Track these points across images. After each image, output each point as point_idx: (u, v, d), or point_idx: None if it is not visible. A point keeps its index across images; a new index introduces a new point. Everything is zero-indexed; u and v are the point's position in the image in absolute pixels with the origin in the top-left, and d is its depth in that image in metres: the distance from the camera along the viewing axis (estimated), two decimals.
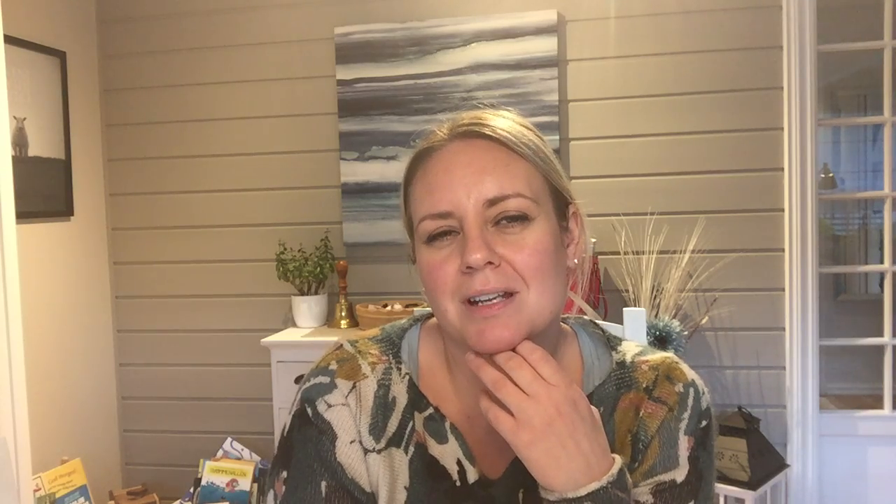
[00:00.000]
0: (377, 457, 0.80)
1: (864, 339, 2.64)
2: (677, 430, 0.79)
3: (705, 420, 0.81)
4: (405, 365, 0.84)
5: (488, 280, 0.73)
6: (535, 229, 0.75)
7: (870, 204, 4.30)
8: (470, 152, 0.77)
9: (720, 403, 2.57)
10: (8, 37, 2.23)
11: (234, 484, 2.59)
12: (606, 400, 0.82)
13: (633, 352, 0.86)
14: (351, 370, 0.82)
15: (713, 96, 2.54)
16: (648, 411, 0.80)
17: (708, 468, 0.80)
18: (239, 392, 2.84)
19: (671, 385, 0.81)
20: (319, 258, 2.66)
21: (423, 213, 0.77)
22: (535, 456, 0.69)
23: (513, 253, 0.74)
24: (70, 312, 2.73)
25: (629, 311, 1.29)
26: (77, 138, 2.77)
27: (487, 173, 0.75)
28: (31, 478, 2.17)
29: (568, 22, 2.61)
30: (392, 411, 0.81)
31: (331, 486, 0.78)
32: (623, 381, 0.83)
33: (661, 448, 0.79)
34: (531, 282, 0.74)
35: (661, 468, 0.78)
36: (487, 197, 0.74)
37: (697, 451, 0.79)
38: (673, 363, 0.84)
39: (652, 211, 2.55)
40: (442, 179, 0.76)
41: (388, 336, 0.87)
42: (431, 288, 0.77)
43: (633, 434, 0.80)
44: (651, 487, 0.78)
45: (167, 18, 2.86)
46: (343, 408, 0.80)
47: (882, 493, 2.52)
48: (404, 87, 2.67)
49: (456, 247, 0.75)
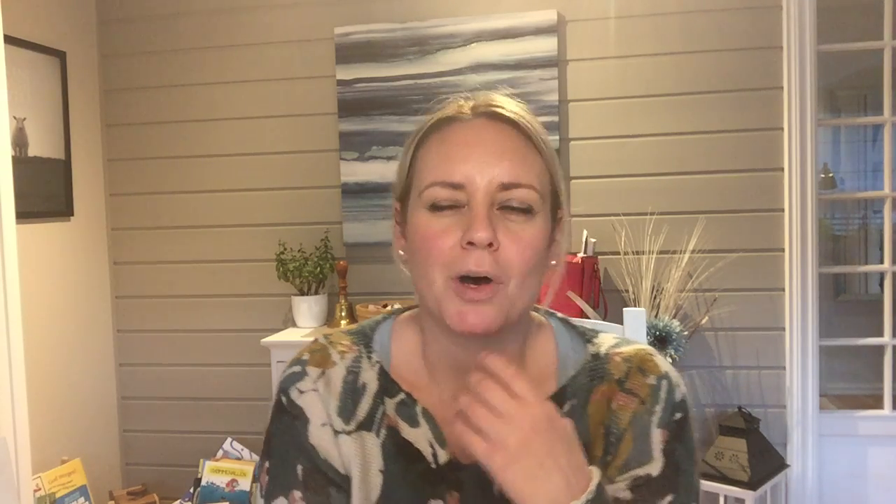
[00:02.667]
0: (347, 438, 0.82)
1: (864, 339, 2.64)
2: (650, 424, 0.79)
3: (680, 412, 0.80)
4: (376, 354, 0.86)
5: (483, 261, 0.74)
6: (535, 224, 0.77)
7: (870, 204, 4.30)
8: (493, 132, 0.78)
9: (720, 403, 2.57)
10: (8, 37, 2.23)
11: (234, 484, 2.59)
12: (580, 392, 0.82)
13: (608, 344, 0.85)
14: (321, 359, 0.85)
15: (713, 96, 2.54)
16: (620, 403, 0.80)
17: (686, 460, 0.79)
18: (239, 392, 2.84)
19: (643, 377, 0.81)
20: (319, 258, 2.66)
21: (435, 179, 0.77)
22: (511, 478, 0.68)
23: (510, 242, 0.75)
24: (70, 312, 2.73)
25: (629, 311, 1.29)
26: (77, 138, 2.77)
27: (507, 158, 0.77)
28: (31, 478, 2.17)
29: (568, 22, 2.61)
30: (362, 396, 0.83)
31: (306, 469, 0.81)
32: (596, 372, 0.83)
33: (633, 441, 0.78)
34: (517, 274, 0.76)
35: (635, 462, 0.78)
36: (502, 181, 0.76)
37: (673, 444, 0.79)
38: (646, 355, 0.83)
39: (652, 211, 2.55)
40: (461, 151, 0.77)
41: (362, 329, 0.89)
42: (424, 255, 0.77)
43: (606, 426, 0.80)
44: (627, 483, 0.78)
45: (167, 18, 2.86)
46: (313, 393, 0.83)
47: (882, 493, 2.52)
48: (404, 87, 2.67)
49: (458, 220, 0.76)
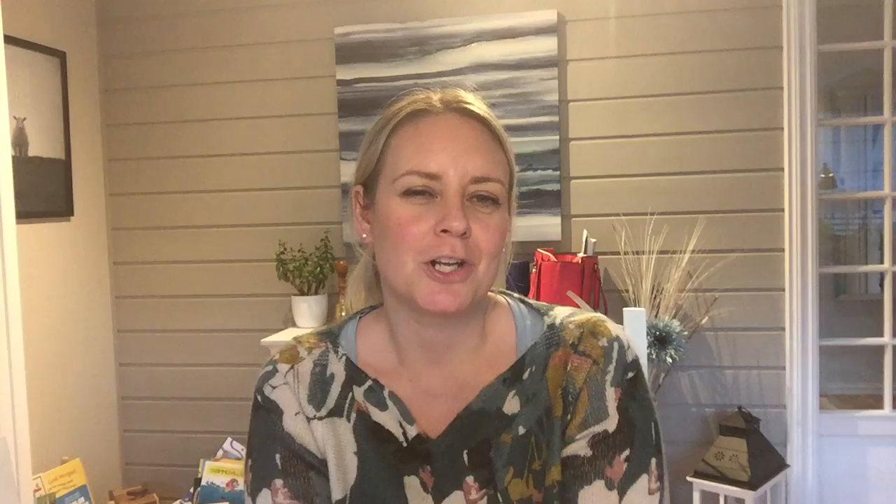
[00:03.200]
0: (319, 423, 0.86)
1: (864, 339, 2.64)
2: (604, 383, 0.82)
3: (631, 372, 0.84)
4: (342, 348, 0.90)
5: (456, 248, 0.79)
6: (500, 213, 0.83)
7: (870, 204, 4.31)
8: (467, 128, 0.83)
9: (720, 403, 2.57)
10: (8, 37, 2.23)
11: (234, 484, 2.59)
12: (538, 359, 0.86)
13: (563, 314, 0.89)
14: (290, 356, 0.90)
15: (713, 96, 2.54)
16: (574, 364, 0.84)
17: (642, 417, 0.83)
18: (239, 392, 2.84)
19: (595, 340, 0.84)
20: (319, 258, 2.66)
21: (412, 168, 0.81)
22: None
23: (480, 229, 0.81)
24: (70, 312, 2.73)
25: (629, 311, 1.29)
26: (77, 138, 2.77)
27: (479, 153, 0.82)
28: (31, 478, 2.17)
29: (568, 22, 2.61)
30: (330, 385, 0.88)
31: (284, 456, 0.85)
32: (552, 340, 0.87)
33: (590, 400, 0.82)
34: (485, 258, 0.81)
35: (592, 420, 0.82)
36: (475, 174, 0.81)
37: (626, 401, 0.82)
38: (598, 321, 0.87)
39: (652, 211, 2.55)
40: (438, 144, 0.82)
41: (329, 328, 0.94)
42: (395, 240, 0.81)
43: (563, 388, 0.84)
44: (587, 440, 0.81)
45: (167, 18, 2.86)
46: (284, 386, 0.88)
47: (882, 493, 2.52)
48: (404, 87, 2.64)
49: (430, 208, 0.80)
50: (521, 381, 0.85)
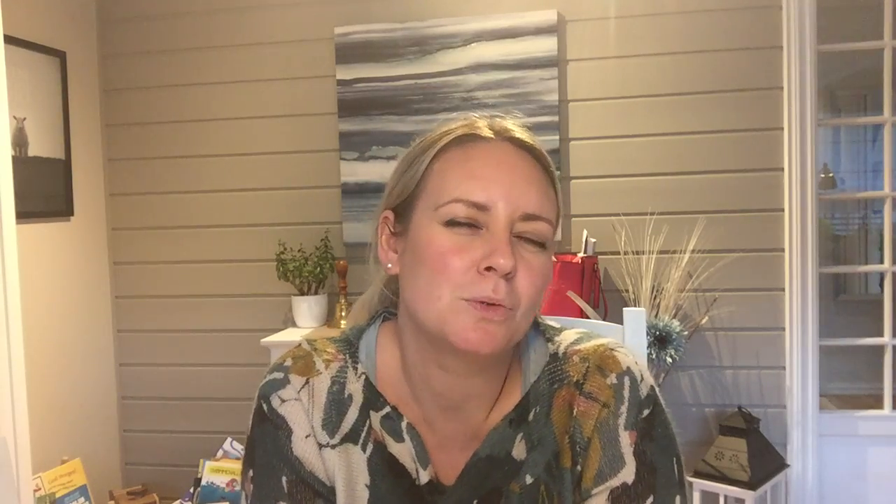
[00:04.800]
0: (332, 452, 0.79)
1: (864, 339, 2.64)
2: (616, 427, 0.75)
3: (647, 409, 0.76)
4: (362, 364, 0.83)
5: (499, 288, 0.71)
6: (545, 256, 0.76)
7: (870, 204, 4.31)
8: (521, 160, 0.76)
9: (720, 403, 2.57)
10: (8, 37, 2.23)
11: (233, 484, 2.58)
12: (541, 398, 0.78)
13: (568, 341, 0.82)
14: (305, 367, 0.82)
15: (713, 96, 2.54)
16: (581, 409, 0.77)
17: (662, 458, 0.76)
18: (239, 392, 2.84)
19: (602, 378, 0.77)
20: (319, 258, 2.66)
21: (458, 196, 0.74)
22: None
23: (525, 271, 0.73)
24: (70, 312, 2.73)
25: (629, 311, 1.29)
26: (77, 138, 2.77)
27: (533, 188, 0.75)
28: (31, 478, 2.17)
29: (568, 22, 2.61)
30: (347, 408, 0.80)
31: (291, 481, 0.78)
32: (555, 375, 0.79)
33: (602, 449, 0.75)
34: (525, 304, 0.74)
35: (609, 471, 0.75)
36: (527, 211, 0.74)
37: (643, 444, 0.75)
38: (606, 351, 0.79)
39: (652, 211, 2.55)
40: (491, 172, 0.74)
41: (347, 336, 0.86)
42: (432, 271, 0.73)
43: (570, 435, 0.77)
44: (607, 495, 0.75)
45: (167, 18, 2.86)
46: (296, 402, 0.80)
47: (882, 493, 2.52)
48: (404, 87, 2.67)
49: (473, 241, 0.73)
50: (526, 423, 0.78)
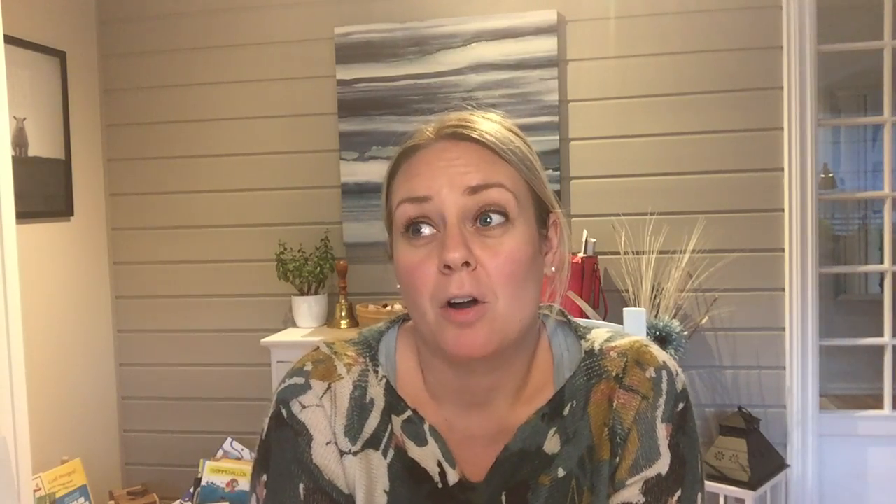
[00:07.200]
0: (353, 459, 0.79)
1: (864, 339, 2.64)
2: (654, 419, 0.77)
3: (682, 402, 0.78)
4: (382, 367, 0.82)
5: (463, 283, 0.71)
6: (514, 235, 0.74)
7: (870, 204, 4.31)
8: (456, 151, 0.76)
9: (720, 403, 2.57)
10: (8, 37, 2.23)
11: (234, 484, 2.58)
12: (578, 393, 0.79)
13: (601, 339, 0.82)
14: (326, 371, 0.81)
15: (713, 96, 2.54)
16: (621, 401, 0.78)
17: (690, 452, 0.78)
18: (239, 392, 2.84)
19: (642, 371, 0.78)
20: (319, 258, 2.66)
21: (402, 197, 0.75)
22: None
23: (489, 257, 0.72)
24: (70, 312, 2.73)
25: (629, 311, 1.29)
26: (77, 138, 2.77)
27: (473, 165, 0.74)
28: (31, 478, 2.17)
29: (568, 22, 2.61)
30: (369, 413, 0.80)
31: (309, 489, 0.77)
32: (593, 370, 0.80)
33: (640, 440, 0.76)
34: (502, 290, 0.72)
35: (644, 462, 0.76)
36: (469, 184, 0.73)
37: (677, 436, 0.77)
38: (642, 346, 0.80)
39: (652, 211, 2.55)
40: (430, 167, 0.75)
41: (366, 339, 0.85)
42: (411, 288, 0.74)
43: (610, 427, 0.78)
44: (640, 486, 0.76)
45: (167, 18, 2.86)
46: (317, 408, 0.79)
47: (882, 493, 2.52)
48: (404, 87, 2.67)
49: (435, 246, 0.73)
50: (561, 418, 0.78)
